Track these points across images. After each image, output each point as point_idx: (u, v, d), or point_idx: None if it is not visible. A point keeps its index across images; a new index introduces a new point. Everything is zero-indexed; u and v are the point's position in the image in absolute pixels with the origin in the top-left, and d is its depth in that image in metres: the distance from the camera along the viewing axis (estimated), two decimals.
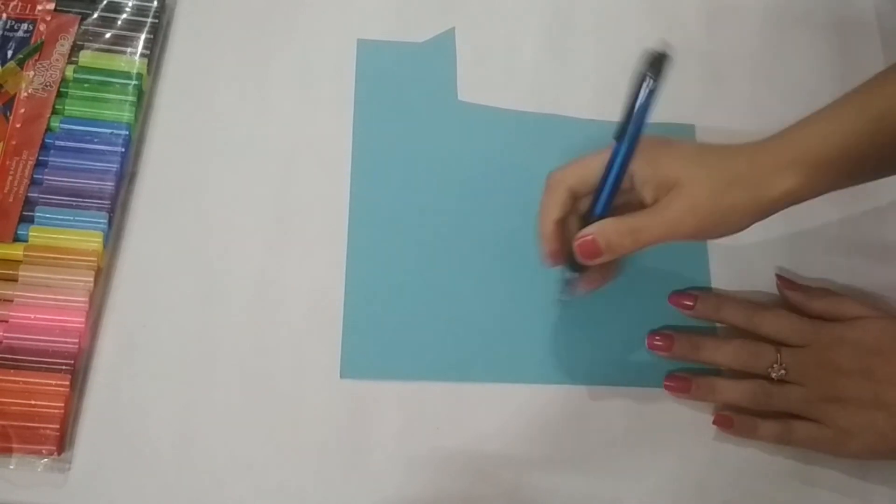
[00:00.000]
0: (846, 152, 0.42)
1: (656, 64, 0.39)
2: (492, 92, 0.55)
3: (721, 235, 0.44)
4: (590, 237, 0.42)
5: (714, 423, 0.49)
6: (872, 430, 0.46)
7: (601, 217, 0.43)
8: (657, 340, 0.49)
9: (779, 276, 0.52)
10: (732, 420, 0.48)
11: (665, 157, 0.43)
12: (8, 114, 0.50)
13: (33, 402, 0.45)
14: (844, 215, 0.54)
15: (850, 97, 0.44)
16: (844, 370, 0.47)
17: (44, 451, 0.44)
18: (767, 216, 0.43)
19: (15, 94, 0.51)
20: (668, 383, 0.49)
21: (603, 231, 0.42)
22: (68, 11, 0.53)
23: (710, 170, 0.42)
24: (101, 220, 0.48)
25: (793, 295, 0.50)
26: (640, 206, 0.44)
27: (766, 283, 0.52)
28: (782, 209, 0.43)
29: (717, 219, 0.42)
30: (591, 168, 0.43)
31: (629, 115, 0.41)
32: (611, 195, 0.42)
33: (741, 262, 0.53)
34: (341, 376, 0.48)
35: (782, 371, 0.47)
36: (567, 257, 0.45)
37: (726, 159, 0.43)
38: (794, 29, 0.59)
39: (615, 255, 0.43)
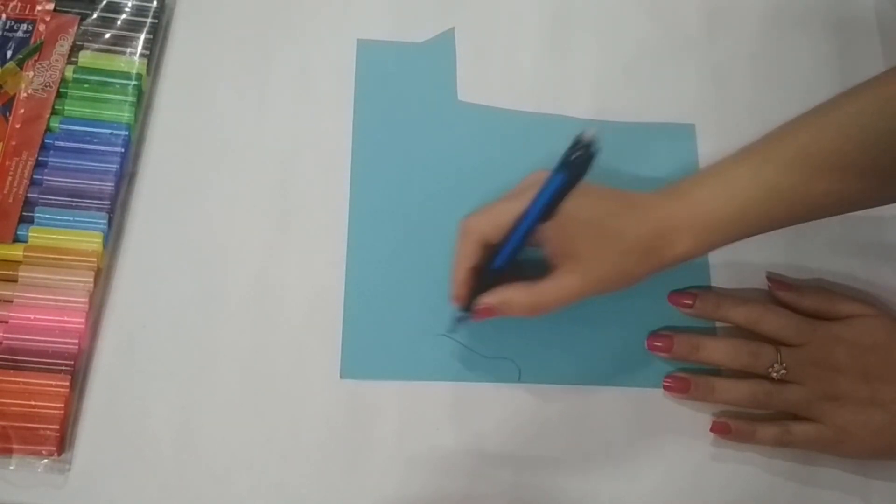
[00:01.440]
0: (741, 218, 0.44)
1: (582, 159, 0.39)
2: (492, 92, 0.55)
3: (610, 293, 0.45)
4: (491, 305, 0.45)
5: (711, 430, 0.49)
6: (870, 428, 0.47)
7: (499, 270, 0.44)
8: (657, 342, 0.49)
9: (769, 277, 0.52)
10: (730, 426, 0.48)
11: (569, 225, 0.43)
12: (7, 114, 0.50)
13: (33, 403, 0.45)
14: (844, 216, 0.54)
15: (749, 154, 0.45)
16: (842, 369, 0.47)
17: (44, 452, 0.45)
18: (653, 275, 0.45)
19: (14, 95, 0.51)
20: (667, 383, 0.49)
21: (503, 303, 0.45)
22: (68, 12, 0.53)
23: (609, 241, 0.44)
24: (101, 221, 0.48)
25: (784, 294, 0.51)
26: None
27: (765, 283, 0.52)
28: (673, 266, 0.45)
29: (611, 285, 0.45)
30: (503, 220, 0.44)
31: (547, 195, 0.41)
32: (514, 254, 0.44)
33: (741, 262, 0.53)
34: (341, 376, 0.48)
35: (783, 371, 0.47)
36: (469, 303, 0.46)
37: (630, 225, 0.44)
38: (794, 29, 0.59)
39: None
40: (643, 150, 0.54)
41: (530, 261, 0.45)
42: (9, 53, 0.52)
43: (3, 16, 0.53)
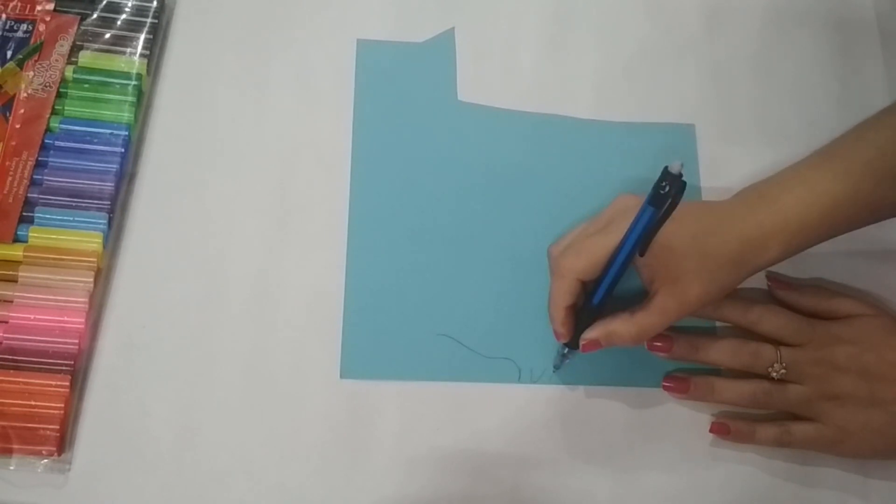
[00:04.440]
0: (828, 222, 0.45)
1: (673, 191, 0.40)
2: (492, 92, 0.55)
3: (712, 303, 0.47)
4: (595, 339, 0.46)
5: (711, 431, 0.49)
6: (869, 427, 0.47)
7: (599, 306, 0.45)
8: (657, 342, 0.49)
9: (769, 277, 0.52)
10: (729, 427, 0.48)
11: (663, 252, 0.44)
12: (7, 114, 0.50)
13: (33, 403, 0.45)
14: None
15: (832, 155, 0.46)
16: (841, 368, 0.47)
17: (44, 452, 0.45)
18: (749, 277, 0.46)
19: (14, 95, 0.51)
20: (666, 383, 0.49)
21: (608, 335, 0.46)
22: (68, 12, 0.53)
23: (702, 260, 0.45)
24: (101, 221, 0.48)
25: (784, 293, 0.51)
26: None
27: (765, 282, 0.52)
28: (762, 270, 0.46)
29: (709, 300, 0.46)
30: (597, 259, 0.44)
31: (641, 229, 0.42)
32: (610, 290, 0.45)
33: None
34: (341, 376, 0.48)
35: (783, 371, 0.47)
36: (572, 338, 0.47)
37: (719, 242, 0.45)
38: (794, 29, 0.59)
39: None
40: (643, 150, 0.54)
41: (626, 290, 0.47)
42: (9, 53, 0.52)
43: (3, 16, 0.53)
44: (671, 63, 0.57)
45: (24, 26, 0.52)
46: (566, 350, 0.48)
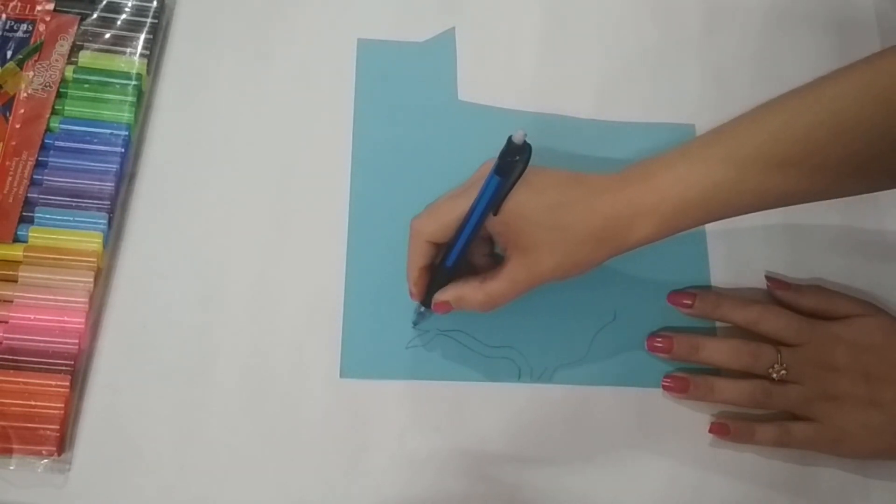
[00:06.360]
0: (706, 202, 0.42)
1: (515, 162, 0.40)
2: (492, 92, 0.55)
3: (570, 279, 0.45)
4: (446, 301, 0.46)
5: (710, 431, 0.49)
6: (869, 428, 0.47)
7: (452, 268, 0.45)
8: (657, 342, 0.49)
9: (768, 277, 0.52)
10: (729, 427, 0.48)
11: (516, 220, 0.43)
12: (7, 114, 0.50)
13: (33, 403, 0.45)
14: (844, 215, 0.54)
15: (723, 135, 0.43)
16: (841, 368, 0.47)
17: (44, 452, 0.45)
18: (612, 257, 0.44)
19: (14, 95, 0.51)
20: (666, 383, 0.49)
21: (458, 298, 0.45)
22: (68, 12, 0.53)
23: (558, 233, 0.43)
24: (101, 221, 0.48)
25: (783, 294, 0.51)
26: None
27: (765, 283, 0.52)
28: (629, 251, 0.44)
29: (564, 274, 0.44)
30: (448, 220, 0.44)
31: (487, 195, 0.42)
32: (462, 253, 0.45)
33: (741, 261, 0.53)
34: (341, 376, 0.48)
35: (783, 371, 0.47)
36: (426, 298, 0.47)
37: (580, 218, 0.43)
38: (795, 29, 0.59)
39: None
40: (643, 150, 0.54)
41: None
42: (9, 53, 0.52)
43: (3, 16, 0.53)
44: (671, 63, 0.57)
45: (24, 26, 0.52)
46: (422, 309, 0.48)
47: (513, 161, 0.40)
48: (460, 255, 0.45)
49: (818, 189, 0.43)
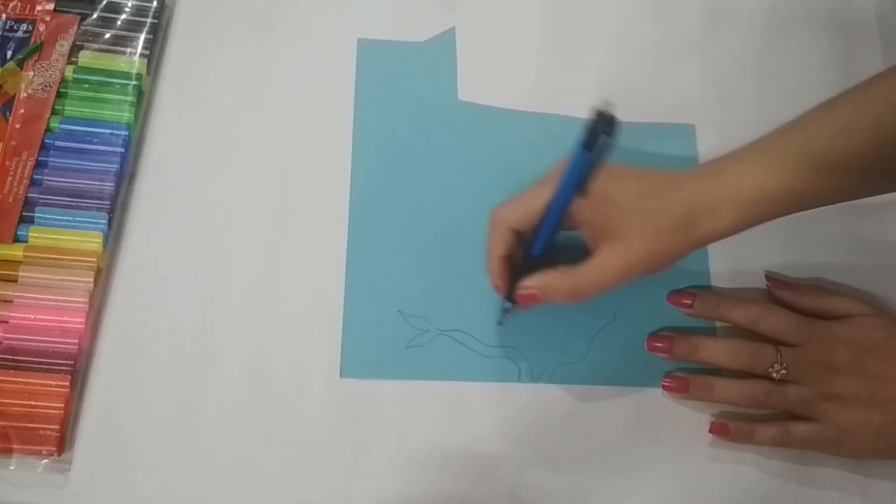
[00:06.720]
0: (783, 194, 0.43)
1: (607, 124, 0.38)
2: (492, 92, 0.55)
3: (654, 274, 0.44)
4: (531, 291, 0.44)
5: (710, 431, 0.49)
6: (869, 427, 0.47)
7: (538, 257, 0.44)
8: (657, 342, 0.49)
9: (768, 277, 0.52)
10: (728, 427, 0.48)
11: (604, 205, 0.43)
12: (7, 114, 0.50)
13: (33, 403, 0.45)
14: (844, 215, 0.54)
15: (791, 131, 0.44)
16: (840, 368, 0.47)
17: (44, 452, 0.45)
18: (695, 251, 0.44)
19: (14, 95, 0.51)
20: (666, 383, 0.49)
21: (544, 287, 0.44)
22: (68, 12, 0.53)
23: (647, 217, 0.43)
24: (101, 221, 0.48)
25: (783, 294, 0.51)
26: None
27: (765, 282, 0.52)
28: (716, 241, 0.44)
29: (653, 264, 0.43)
30: (532, 207, 0.43)
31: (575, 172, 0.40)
32: (549, 238, 0.43)
33: (741, 261, 0.53)
34: (341, 376, 0.48)
35: (783, 371, 0.47)
36: (511, 291, 0.46)
37: (665, 203, 0.43)
38: (795, 29, 0.59)
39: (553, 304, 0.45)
40: (643, 150, 0.54)
41: (571, 249, 0.45)
42: (9, 53, 0.52)
43: (3, 16, 0.53)
44: (671, 63, 0.57)
45: (24, 26, 0.52)
46: (508, 305, 0.47)
47: (599, 133, 0.38)
48: (548, 241, 0.43)
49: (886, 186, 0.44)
